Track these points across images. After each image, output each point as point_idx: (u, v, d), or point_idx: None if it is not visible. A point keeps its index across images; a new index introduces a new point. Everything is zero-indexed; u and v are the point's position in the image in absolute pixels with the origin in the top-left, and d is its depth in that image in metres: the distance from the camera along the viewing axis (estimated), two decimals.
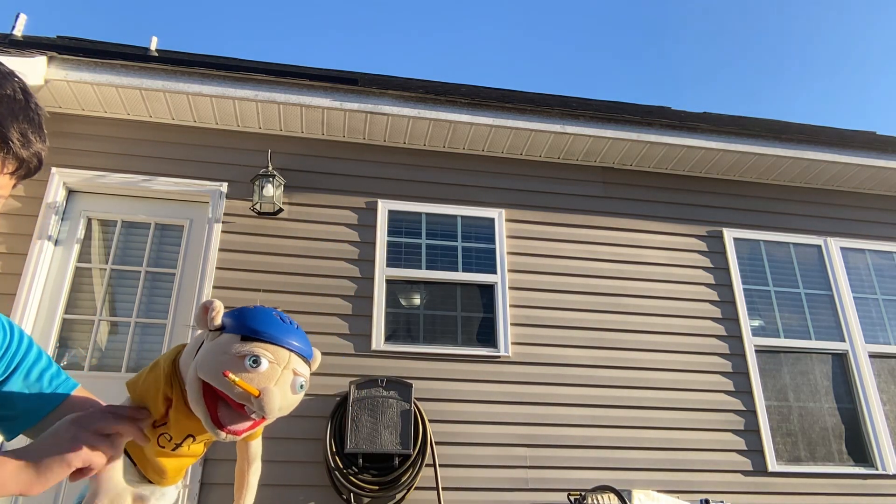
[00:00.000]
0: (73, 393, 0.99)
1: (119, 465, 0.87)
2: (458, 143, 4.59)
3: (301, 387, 0.94)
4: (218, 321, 0.93)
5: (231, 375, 0.85)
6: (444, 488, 3.68)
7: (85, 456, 0.78)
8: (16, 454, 0.77)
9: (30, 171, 0.80)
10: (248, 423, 0.92)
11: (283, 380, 0.90)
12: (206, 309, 0.93)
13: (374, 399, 3.67)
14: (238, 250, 4.06)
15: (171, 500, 1.14)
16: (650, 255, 4.59)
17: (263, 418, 0.91)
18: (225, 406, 0.88)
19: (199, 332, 0.97)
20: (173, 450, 1.01)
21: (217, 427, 0.89)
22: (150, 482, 1.07)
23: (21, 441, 0.88)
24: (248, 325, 0.92)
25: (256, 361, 0.88)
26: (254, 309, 0.97)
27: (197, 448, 1.04)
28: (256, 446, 1.18)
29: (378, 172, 4.47)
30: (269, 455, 3.66)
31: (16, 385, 0.93)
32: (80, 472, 0.81)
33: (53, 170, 3.96)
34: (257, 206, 4.10)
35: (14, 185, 0.81)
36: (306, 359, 0.95)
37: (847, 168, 4.88)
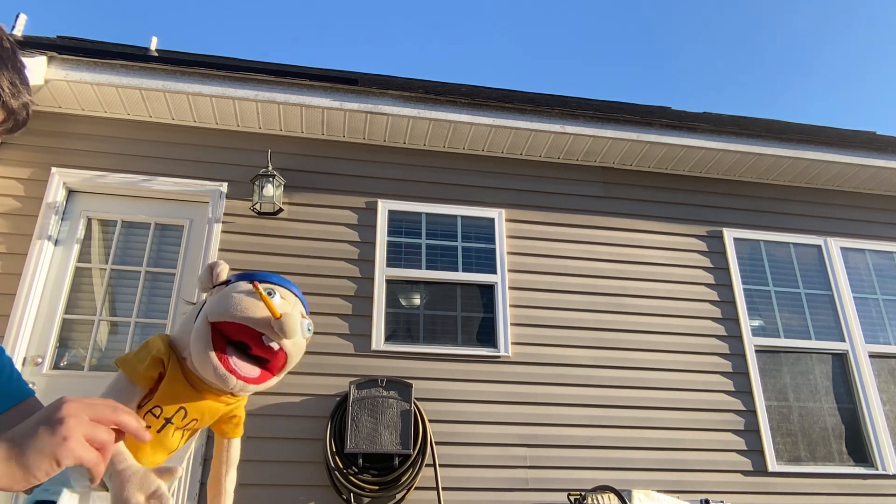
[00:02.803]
0: (31, 399, 0.96)
1: (124, 447, 0.86)
2: (458, 143, 4.59)
3: (308, 329, 0.96)
4: (224, 277, 0.95)
5: (259, 287, 0.86)
6: (444, 488, 3.68)
7: (79, 453, 0.65)
8: None
9: (17, 123, 0.76)
10: (258, 373, 0.92)
11: (296, 314, 0.91)
12: (212, 267, 0.95)
13: (374, 399, 3.67)
14: (238, 250, 4.05)
15: None
16: (650, 255, 4.59)
17: (271, 370, 0.91)
18: (235, 351, 0.89)
19: (193, 304, 0.98)
20: (159, 430, 0.99)
21: (229, 372, 0.89)
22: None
23: None
24: (256, 274, 0.94)
25: (271, 294, 0.89)
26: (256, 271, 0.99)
27: (176, 438, 1.01)
28: (236, 450, 1.15)
29: (378, 172, 4.47)
30: (269, 455, 3.68)
31: None
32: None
33: (53, 170, 3.96)
34: (257, 206, 4.10)
35: None
36: (305, 312, 0.96)
37: (847, 168, 4.88)
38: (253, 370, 0.92)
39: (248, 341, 0.90)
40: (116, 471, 0.85)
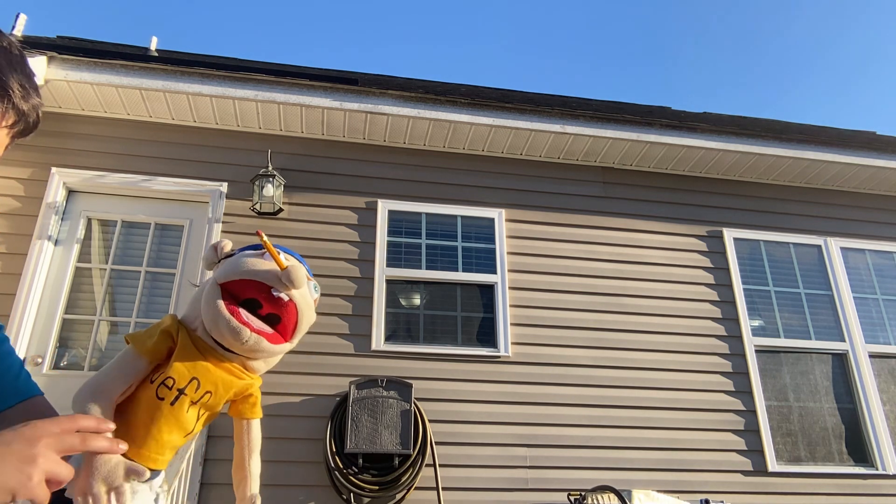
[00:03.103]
0: (38, 398, 0.96)
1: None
2: (458, 143, 4.59)
3: (315, 288, 0.96)
4: (228, 250, 0.96)
5: (263, 236, 0.88)
6: (444, 488, 3.68)
7: (38, 492, 0.63)
8: None
9: (28, 126, 0.78)
10: (271, 331, 0.92)
11: (301, 268, 0.92)
12: (216, 245, 0.96)
13: (374, 399, 3.67)
14: None
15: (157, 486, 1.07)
16: (650, 255, 4.59)
17: (283, 333, 0.90)
18: (245, 308, 0.89)
19: (198, 285, 0.99)
20: (173, 402, 0.96)
21: (243, 324, 0.89)
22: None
23: None
24: (255, 246, 0.95)
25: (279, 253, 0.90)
26: None
27: (191, 417, 0.97)
28: (257, 431, 1.12)
29: (378, 172, 4.47)
30: (269, 455, 3.67)
31: None
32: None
33: (53, 170, 3.96)
34: (257, 206, 4.10)
35: (10, 143, 0.78)
36: (310, 276, 0.98)
37: (847, 168, 4.88)
38: (266, 326, 0.93)
39: (257, 296, 0.91)
40: (90, 456, 0.85)
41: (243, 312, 0.92)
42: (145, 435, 0.96)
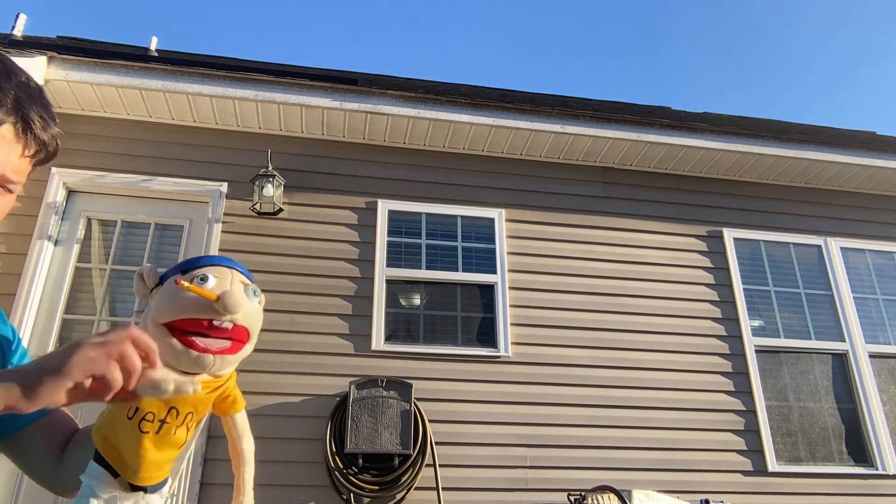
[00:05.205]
0: (56, 411, 0.97)
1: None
2: (458, 143, 4.59)
3: (255, 293, 0.94)
4: (155, 279, 0.95)
5: (183, 282, 0.86)
6: (444, 488, 3.68)
7: (87, 365, 0.63)
8: None
9: (48, 154, 0.82)
10: (229, 344, 0.90)
11: (235, 287, 0.90)
12: (141, 275, 0.95)
13: (374, 399, 3.67)
14: (238, 250, 4.05)
15: None
16: (650, 255, 4.59)
17: (241, 341, 0.89)
18: (199, 336, 0.88)
19: (142, 311, 0.98)
20: (157, 431, 0.96)
21: (203, 352, 0.88)
22: (131, 487, 1.00)
23: None
24: (183, 264, 0.95)
25: (204, 279, 0.89)
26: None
27: (181, 434, 0.98)
28: (242, 420, 1.12)
29: (378, 172, 4.47)
30: (269, 455, 3.68)
31: None
32: (88, 393, 0.66)
33: (53, 170, 3.96)
34: (257, 206, 4.10)
35: (31, 171, 0.82)
36: (248, 279, 0.96)
37: (847, 168, 4.88)
38: (222, 342, 0.92)
39: (202, 330, 0.90)
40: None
41: (199, 340, 0.91)
42: (137, 460, 0.95)
